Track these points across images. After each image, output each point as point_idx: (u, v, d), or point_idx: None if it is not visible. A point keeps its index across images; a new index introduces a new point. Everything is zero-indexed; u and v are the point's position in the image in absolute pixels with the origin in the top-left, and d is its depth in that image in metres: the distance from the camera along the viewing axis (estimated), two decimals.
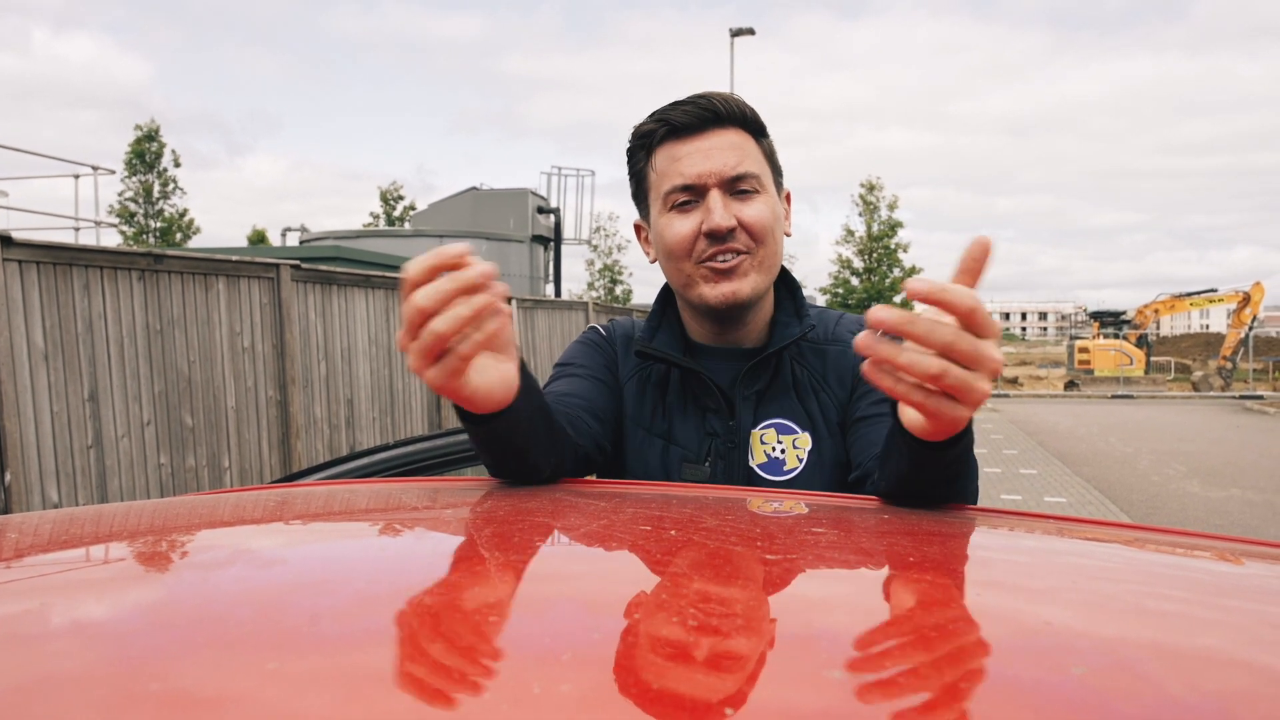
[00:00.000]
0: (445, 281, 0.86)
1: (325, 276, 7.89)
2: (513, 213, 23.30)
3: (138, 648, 0.45)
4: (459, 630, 0.47)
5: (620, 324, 1.55)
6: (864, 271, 30.04)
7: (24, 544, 0.73)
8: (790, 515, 0.88)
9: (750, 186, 1.32)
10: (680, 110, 1.33)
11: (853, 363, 1.38)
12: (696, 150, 1.32)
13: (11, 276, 5.06)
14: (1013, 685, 0.41)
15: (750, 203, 1.32)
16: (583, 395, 1.39)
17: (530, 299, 13.10)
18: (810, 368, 1.40)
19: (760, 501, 0.98)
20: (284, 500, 0.96)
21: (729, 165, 1.31)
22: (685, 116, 1.32)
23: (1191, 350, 49.33)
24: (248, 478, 6.84)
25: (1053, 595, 0.59)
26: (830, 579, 0.63)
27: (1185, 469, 12.23)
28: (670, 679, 0.41)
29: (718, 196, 1.31)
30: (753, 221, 1.31)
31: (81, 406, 5.49)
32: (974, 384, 0.81)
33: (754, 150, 1.35)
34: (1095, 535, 0.86)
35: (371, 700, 0.38)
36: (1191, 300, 34.83)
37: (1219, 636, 0.51)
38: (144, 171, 32.04)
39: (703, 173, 1.31)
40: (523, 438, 1.04)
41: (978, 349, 0.80)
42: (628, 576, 0.62)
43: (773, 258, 1.36)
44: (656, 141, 1.36)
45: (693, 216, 1.32)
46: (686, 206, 1.33)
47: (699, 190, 1.32)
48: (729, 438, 1.37)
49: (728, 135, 1.33)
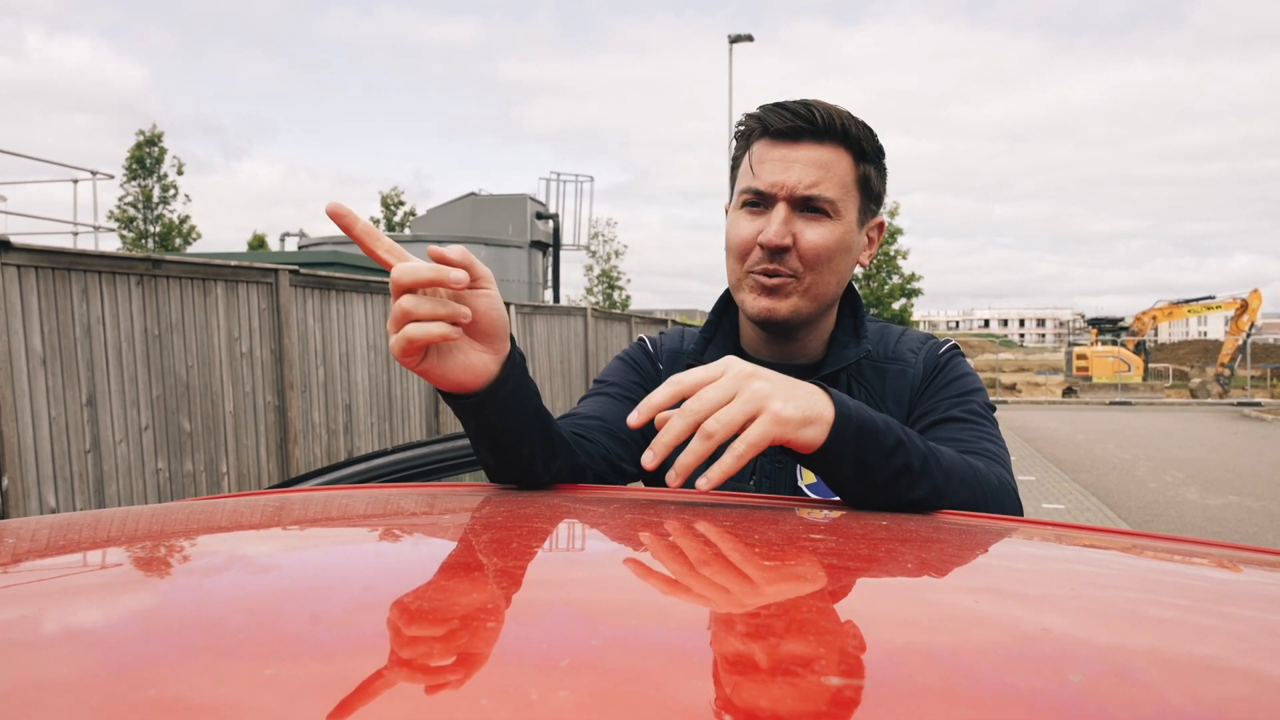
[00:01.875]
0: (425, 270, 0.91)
1: (324, 282, 7.89)
2: (512, 218, 23.34)
3: (134, 654, 0.45)
4: (456, 636, 0.47)
5: (670, 335, 1.53)
6: (863, 278, 30.07)
7: (21, 549, 0.73)
8: (786, 523, 0.88)
9: (822, 208, 1.29)
10: (780, 113, 1.30)
11: (912, 383, 1.36)
12: (781, 158, 1.29)
13: (10, 281, 5.05)
14: (1010, 692, 0.41)
15: (815, 226, 1.29)
16: (605, 416, 1.36)
17: (529, 305, 13.10)
18: (869, 386, 1.37)
19: (738, 506, 0.98)
20: (282, 506, 0.96)
21: (803, 183, 1.27)
22: (781, 121, 1.29)
23: (1189, 357, 49.42)
24: (245, 483, 6.84)
25: (1051, 602, 0.59)
26: (822, 584, 0.63)
27: (1183, 476, 12.24)
28: (669, 685, 0.41)
29: (782, 211, 1.28)
30: (808, 246, 1.28)
31: (79, 411, 5.48)
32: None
33: (844, 171, 1.30)
34: (1093, 542, 0.86)
35: (369, 706, 0.38)
36: (1189, 307, 34.90)
37: (1218, 644, 0.51)
38: (144, 177, 32.03)
39: (775, 183, 1.28)
40: (511, 428, 1.05)
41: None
42: (624, 583, 0.62)
43: (823, 286, 1.32)
44: (752, 137, 1.34)
45: (757, 221, 1.31)
46: (755, 209, 1.32)
47: (768, 199, 1.30)
48: (777, 456, 1.34)
49: (820, 151, 1.29)
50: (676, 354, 1.47)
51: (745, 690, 0.40)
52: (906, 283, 30.80)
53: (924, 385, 1.36)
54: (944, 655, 0.46)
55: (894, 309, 30.06)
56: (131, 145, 31.86)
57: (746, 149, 1.36)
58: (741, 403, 0.92)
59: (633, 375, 1.46)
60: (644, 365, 1.47)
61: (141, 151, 31.94)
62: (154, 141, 32.14)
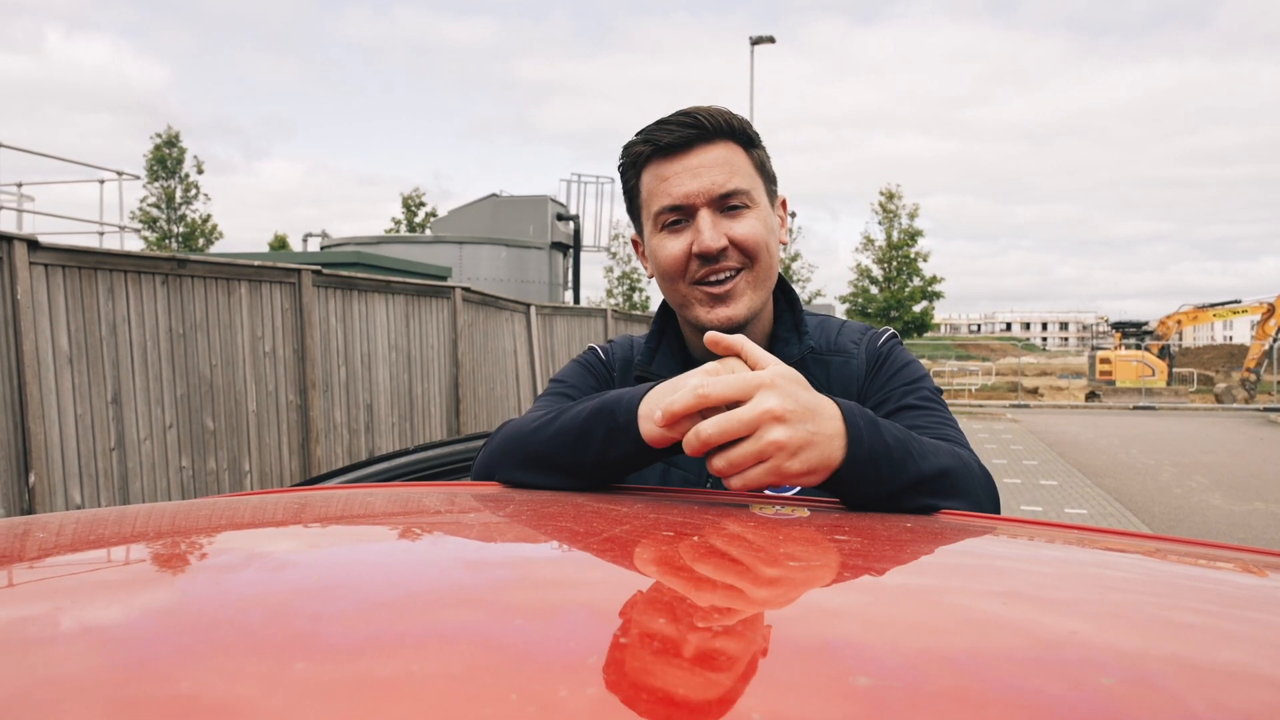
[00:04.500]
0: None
1: (346, 282, 7.93)
2: (532, 220, 23.40)
3: (159, 649, 0.45)
4: (479, 633, 0.47)
5: (619, 344, 1.54)
6: (883, 280, 29.90)
7: (49, 544, 0.74)
8: (785, 524, 0.88)
9: (740, 202, 1.31)
10: (666, 128, 1.31)
11: (856, 374, 1.38)
12: (684, 169, 1.31)
13: (38, 280, 5.11)
14: (1040, 696, 0.40)
15: (741, 219, 1.31)
16: None
17: (549, 306, 13.13)
18: (815, 379, 1.37)
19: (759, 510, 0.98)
20: (305, 503, 0.96)
21: (717, 183, 1.30)
22: (671, 135, 1.31)
23: (1214, 362, 48.94)
24: (268, 481, 6.88)
25: (1078, 606, 0.59)
26: (845, 587, 0.63)
27: (1208, 481, 12.12)
28: (676, 683, 0.41)
29: (707, 216, 1.30)
30: (744, 238, 1.31)
31: (105, 409, 5.54)
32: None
33: (744, 163, 1.33)
34: (1118, 546, 0.85)
35: (397, 702, 0.38)
36: (1215, 311, 34.57)
37: (1246, 650, 0.51)
38: (165, 177, 32.31)
39: (690, 192, 1.30)
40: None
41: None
42: (652, 581, 0.62)
43: (767, 272, 1.35)
44: (644, 161, 1.35)
45: (684, 236, 1.32)
46: (677, 226, 1.32)
47: (688, 210, 1.31)
48: None
49: (715, 150, 1.31)
50: (628, 363, 1.49)
51: (775, 693, 0.40)
52: (927, 285, 30.60)
53: (870, 375, 1.39)
54: (974, 659, 0.46)
55: (914, 312, 29.87)
56: (151, 147, 32.15)
57: (638, 177, 1.37)
58: (755, 447, 0.93)
59: (591, 380, 1.47)
60: (600, 372, 1.49)
61: (162, 153, 32.21)
62: (173, 142, 32.41)
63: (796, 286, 32.92)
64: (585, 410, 1.10)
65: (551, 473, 1.12)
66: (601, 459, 1.07)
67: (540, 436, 1.13)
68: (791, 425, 0.94)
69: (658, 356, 1.45)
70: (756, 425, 0.93)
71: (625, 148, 1.38)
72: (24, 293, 4.96)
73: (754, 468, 0.93)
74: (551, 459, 1.11)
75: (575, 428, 1.10)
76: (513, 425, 1.22)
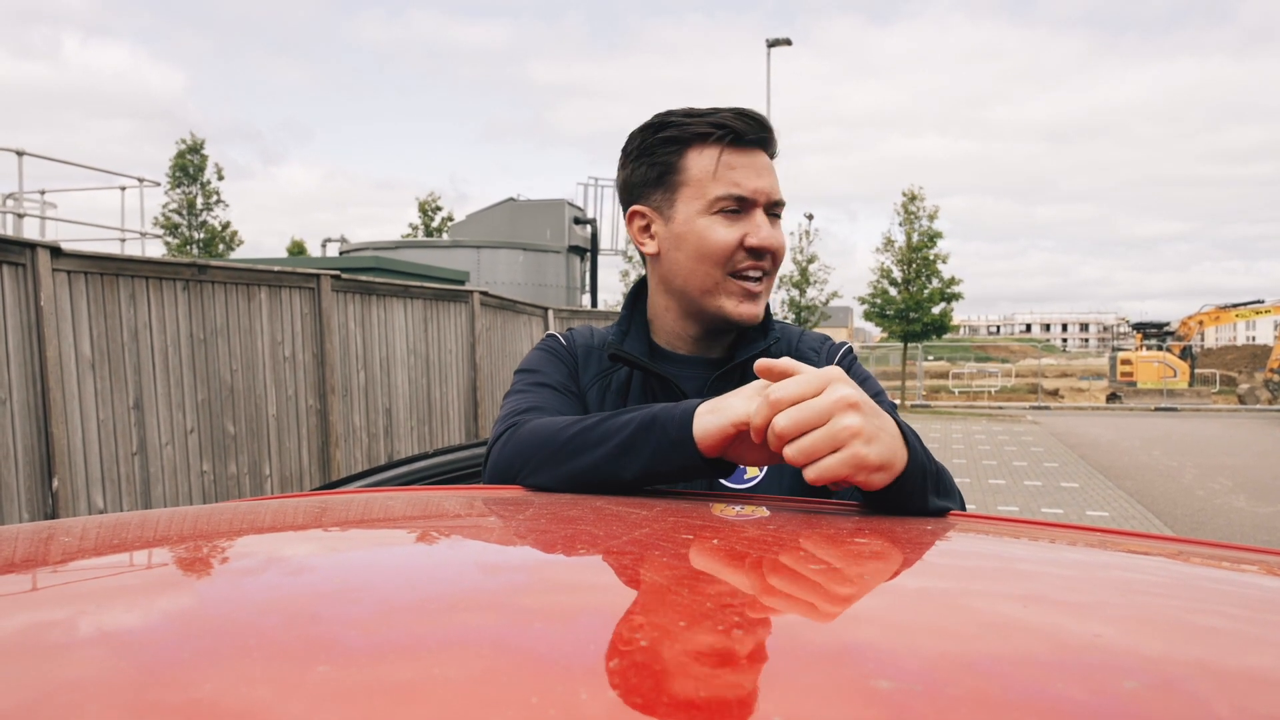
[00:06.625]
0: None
1: (365, 287, 7.97)
2: (550, 223, 23.44)
3: (181, 653, 0.45)
4: (500, 636, 0.47)
5: (580, 333, 1.54)
6: (903, 282, 29.73)
7: (72, 548, 0.74)
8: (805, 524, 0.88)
9: (779, 212, 1.39)
10: (746, 121, 1.35)
11: None
12: (752, 166, 1.35)
13: (60, 286, 5.16)
14: (1063, 700, 0.40)
15: (778, 228, 1.38)
16: (565, 412, 1.36)
17: (567, 309, 13.15)
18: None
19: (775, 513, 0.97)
20: (326, 507, 0.97)
21: (776, 189, 1.37)
22: (747, 128, 1.34)
23: (1237, 363, 48.47)
24: (288, 485, 6.92)
25: (1101, 609, 0.59)
26: (866, 590, 0.63)
27: (1231, 483, 12.00)
28: (689, 687, 0.41)
29: (763, 215, 1.35)
30: (780, 247, 1.39)
31: (127, 414, 5.58)
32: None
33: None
34: (1141, 548, 0.84)
35: (419, 706, 0.38)
36: (1237, 312, 34.24)
37: (1271, 655, 0.50)
38: (187, 184, 32.54)
39: (759, 189, 1.35)
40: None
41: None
42: (671, 584, 0.62)
43: (774, 281, 1.42)
44: (699, 141, 1.35)
45: (737, 226, 1.34)
46: (733, 215, 1.35)
47: (748, 204, 1.35)
48: None
49: (767, 158, 1.39)
50: (590, 350, 1.48)
51: (797, 695, 0.40)
52: (946, 286, 30.40)
53: None
54: (996, 662, 0.46)
55: (934, 313, 29.69)
56: (174, 154, 32.37)
57: (682, 154, 1.36)
58: (829, 435, 0.92)
59: (562, 369, 1.46)
60: (567, 360, 1.48)
61: (184, 160, 32.45)
62: (196, 149, 32.64)
63: (814, 289, 32.78)
64: (632, 422, 1.10)
65: (588, 481, 1.11)
66: (650, 471, 1.08)
67: (578, 445, 1.13)
68: (864, 416, 0.94)
69: (628, 340, 1.46)
70: (830, 414, 0.93)
71: (669, 117, 1.38)
72: (47, 299, 5.01)
73: (829, 456, 0.92)
74: (591, 468, 1.11)
75: (621, 440, 1.09)
76: (537, 428, 1.20)
